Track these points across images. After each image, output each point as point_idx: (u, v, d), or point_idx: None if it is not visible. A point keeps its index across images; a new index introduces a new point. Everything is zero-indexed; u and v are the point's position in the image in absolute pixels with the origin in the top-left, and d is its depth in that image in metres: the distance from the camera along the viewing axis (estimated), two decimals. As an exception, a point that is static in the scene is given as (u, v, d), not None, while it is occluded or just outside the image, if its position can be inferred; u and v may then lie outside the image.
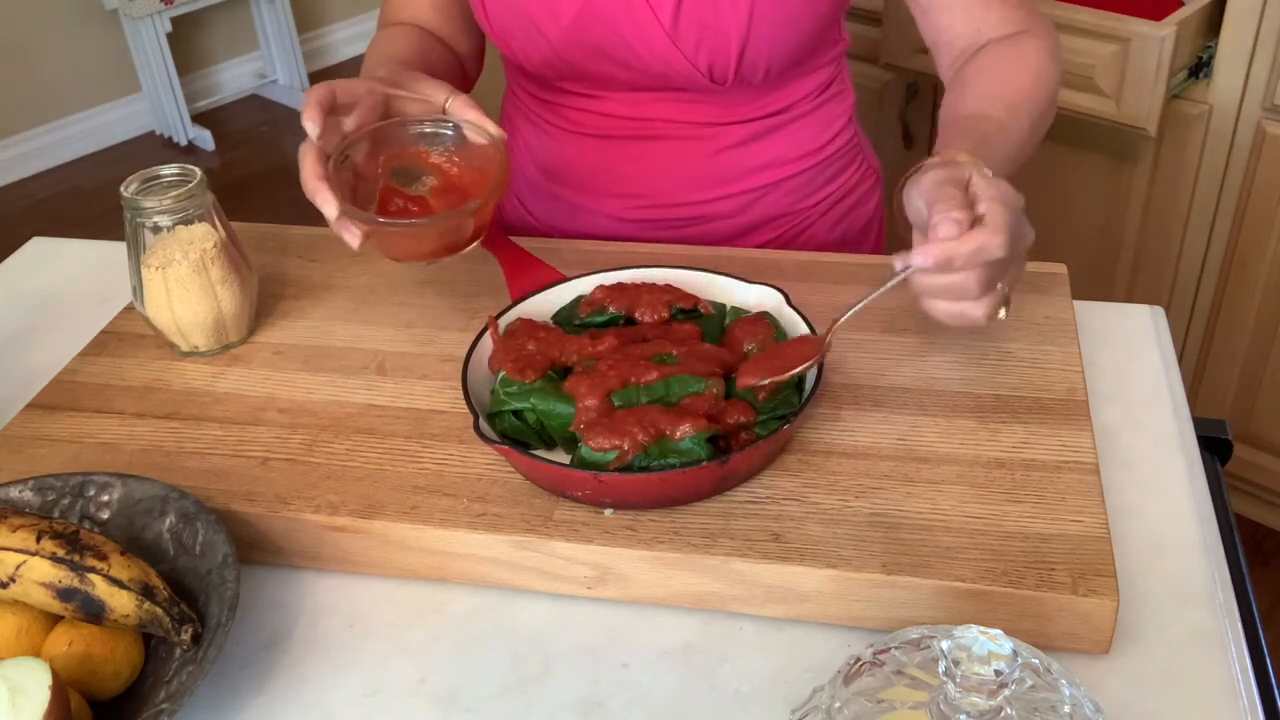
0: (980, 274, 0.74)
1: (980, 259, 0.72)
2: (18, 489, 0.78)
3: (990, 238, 0.72)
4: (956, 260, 0.72)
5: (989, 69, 0.96)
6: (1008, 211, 0.73)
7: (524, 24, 1.00)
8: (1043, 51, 0.97)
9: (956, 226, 0.72)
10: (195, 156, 3.54)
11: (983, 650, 0.52)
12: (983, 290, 0.75)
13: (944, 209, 0.73)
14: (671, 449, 0.75)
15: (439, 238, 0.88)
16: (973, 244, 0.72)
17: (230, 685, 0.73)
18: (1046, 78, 0.96)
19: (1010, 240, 0.72)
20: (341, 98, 0.87)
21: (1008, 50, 0.97)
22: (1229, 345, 1.85)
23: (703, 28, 0.96)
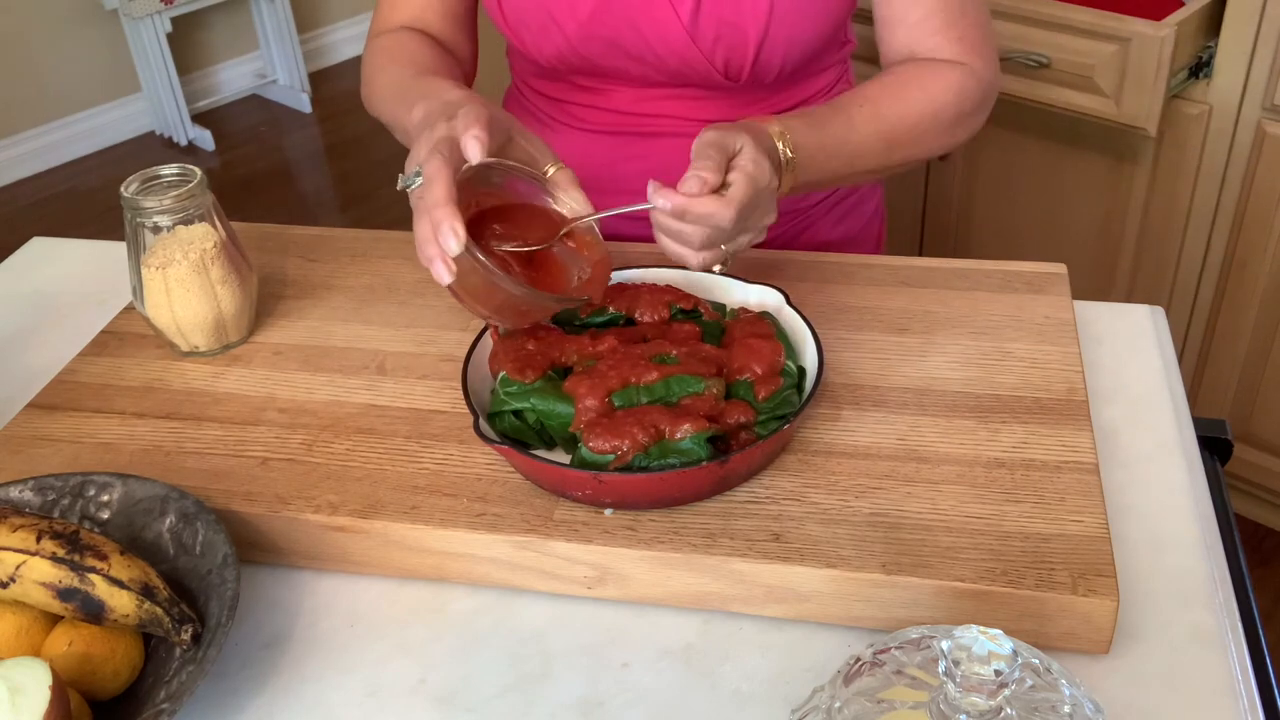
0: (704, 233, 0.80)
1: (708, 222, 0.79)
2: (18, 489, 0.78)
3: (721, 209, 0.79)
4: (688, 215, 0.79)
5: (890, 74, 0.99)
6: (750, 189, 0.80)
7: (540, 16, 1.00)
8: (955, 81, 0.97)
9: (699, 185, 0.78)
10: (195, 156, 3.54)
11: (983, 650, 0.52)
12: (702, 245, 0.81)
13: (698, 166, 0.79)
14: (671, 449, 0.75)
15: (531, 310, 0.82)
16: (705, 208, 0.79)
17: (230, 685, 0.73)
18: (942, 103, 0.97)
19: (740, 215, 0.79)
20: (494, 125, 0.82)
21: (920, 67, 0.99)
22: (1229, 345, 1.85)
23: (721, 24, 0.97)
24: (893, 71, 0.99)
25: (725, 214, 0.79)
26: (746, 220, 0.82)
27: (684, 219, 0.80)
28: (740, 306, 0.89)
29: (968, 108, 0.98)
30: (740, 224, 0.81)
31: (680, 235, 0.81)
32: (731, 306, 0.89)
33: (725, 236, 0.81)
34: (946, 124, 0.98)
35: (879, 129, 0.95)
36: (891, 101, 0.96)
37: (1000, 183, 1.95)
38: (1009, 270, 0.98)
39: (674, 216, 0.80)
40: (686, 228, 0.80)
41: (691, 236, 0.81)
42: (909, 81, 0.98)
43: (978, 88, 0.99)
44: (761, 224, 0.85)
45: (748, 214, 0.81)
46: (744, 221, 0.81)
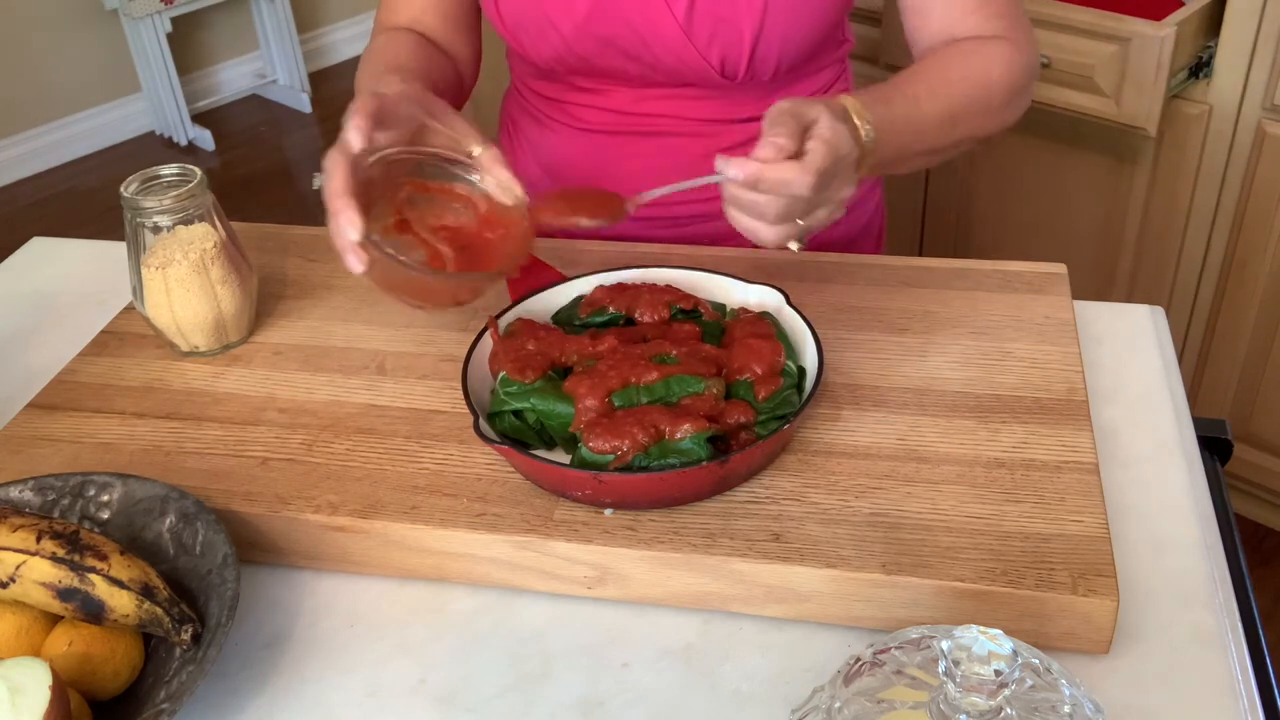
0: (780, 203, 0.76)
1: (784, 190, 0.75)
2: (18, 489, 0.78)
3: (800, 175, 0.75)
4: (762, 183, 0.75)
5: (937, 54, 0.97)
6: (829, 156, 0.76)
7: (537, 17, 1.00)
8: (1002, 57, 0.96)
9: (775, 151, 0.75)
10: (195, 156, 3.54)
11: (983, 650, 0.52)
12: (778, 219, 0.77)
13: (773, 133, 0.76)
14: (671, 449, 0.75)
15: (443, 291, 0.85)
16: (781, 174, 0.75)
17: (230, 685, 0.73)
18: (993, 80, 0.95)
19: (818, 182, 0.75)
20: (384, 113, 0.84)
21: (967, 46, 0.97)
22: (1229, 345, 1.85)
23: (716, 22, 0.97)
24: (937, 52, 0.97)
25: (804, 180, 0.75)
26: (824, 191, 0.78)
27: (758, 188, 0.76)
28: (740, 306, 0.89)
29: (1019, 83, 0.96)
30: (818, 194, 0.77)
31: (754, 207, 0.77)
32: (731, 306, 0.89)
33: (802, 208, 0.77)
34: (1000, 101, 0.96)
35: (939, 106, 0.92)
36: (944, 77, 0.94)
37: (1000, 183, 1.95)
38: (1009, 270, 0.98)
39: (747, 186, 0.76)
40: (761, 198, 0.76)
41: (766, 208, 0.77)
42: (957, 58, 0.96)
43: (1024, 63, 0.97)
44: (839, 196, 0.80)
45: (826, 183, 0.77)
46: (822, 192, 0.77)
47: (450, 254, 0.86)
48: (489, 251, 0.87)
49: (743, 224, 0.79)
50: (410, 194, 0.87)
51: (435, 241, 0.86)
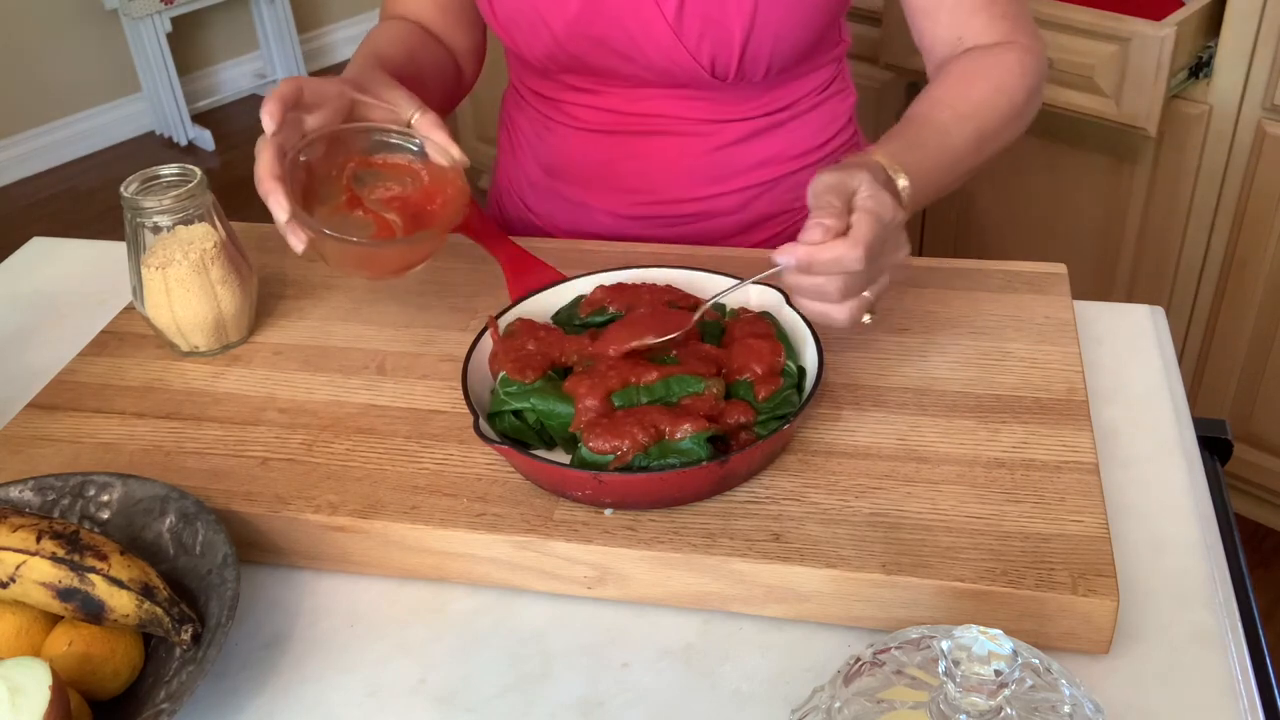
0: (840, 281, 0.76)
1: (838, 268, 0.75)
2: (18, 489, 0.78)
3: (849, 251, 0.75)
4: (816, 265, 0.76)
5: (953, 74, 0.97)
6: (875, 226, 0.76)
7: (529, 15, 1.00)
8: (1015, 63, 0.96)
9: (823, 232, 0.75)
10: (195, 156, 3.54)
11: (983, 650, 0.52)
12: (842, 295, 0.77)
13: (818, 216, 0.76)
14: (671, 449, 0.75)
15: (386, 259, 0.88)
16: (832, 253, 0.75)
17: (230, 685, 0.73)
18: (1012, 88, 0.95)
19: (869, 254, 0.75)
20: (309, 96, 0.86)
21: (979, 58, 0.97)
22: (1229, 345, 1.85)
23: (706, 22, 0.97)
24: (949, 72, 0.97)
25: (854, 255, 0.75)
26: (878, 259, 0.78)
27: (813, 270, 0.76)
28: (740, 306, 0.89)
29: (1033, 83, 0.97)
30: (873, 264, 0.76)
31: (817, 290, 0.78)
32: (731, 306, 0.89)
33: (862, 280, 0.78)
34: (1020, 107, 0.96)
35: (969, 129, 0.93)
36: (966, 99, 0.94)
37: (1000, 183, 1.95)
38: (1009, 270, 0.98)
39: (802, 271, 0.77)
40: (819, 280, 0.77)
41: (827, 288, 0.77)
42: (972, 74, 0.96)
43: (1035, 63, 0.97)
44: (895, 260, 0.80)
45: (877, 252, 0.77)
46: (876, 261, 0.77)
47: (400, 223, 0.88)
48: (439, 216, 0.89)
49: (812, 310, 0.80)
50: (355, 171, 0.89)
51: (385, 213, 0.89)
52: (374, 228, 0.88)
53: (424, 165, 0.90)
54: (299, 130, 0.86)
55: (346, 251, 0.86)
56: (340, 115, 0.89)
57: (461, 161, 0.89)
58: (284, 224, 0.83)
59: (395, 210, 0.89)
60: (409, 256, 0.88)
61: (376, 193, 0.90)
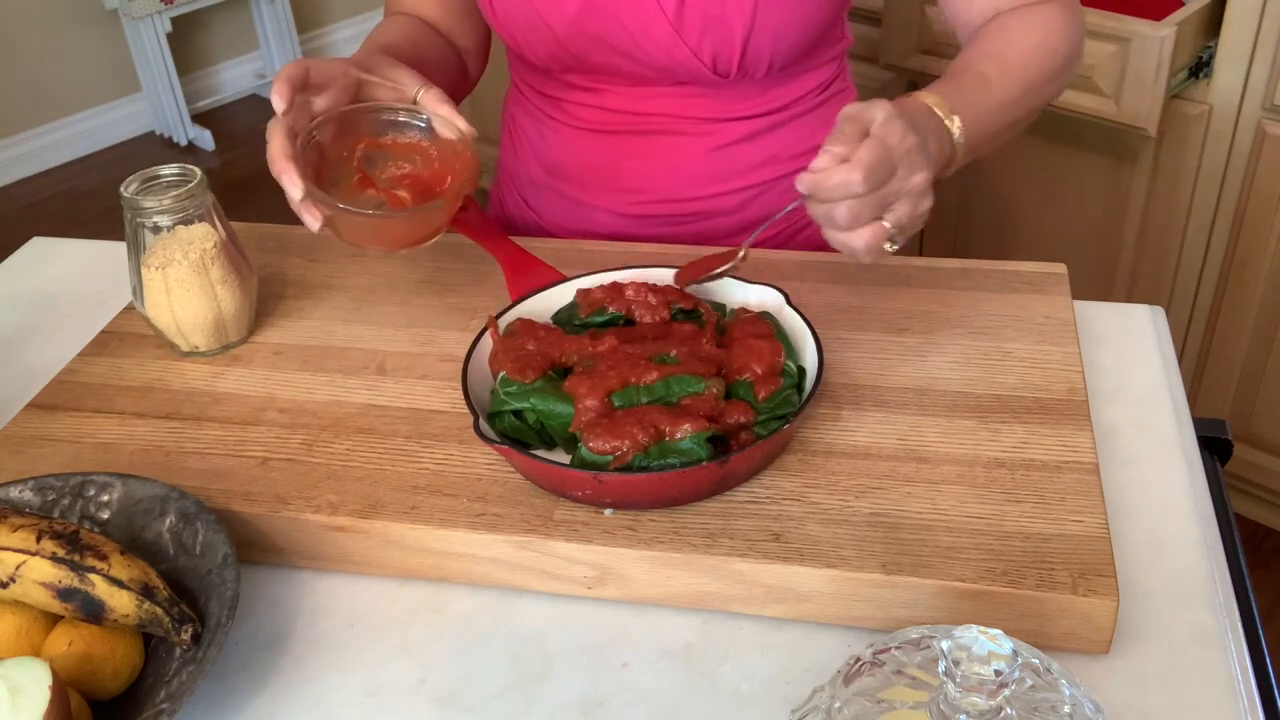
0: (846, 207, 0.76)
1: (843, 192, 0.76)
2: (18, 489, 0.78)
3: (849, 174, 0.75)
4: (820, 191, 0.76)
5: (993, 30, 0.96)
6: (878, 150, 0.76)
7: (529, 15, 1.00)
8: (1056, 19, 0.96)
9: (830, 159, 0.76)
10: (195, 156, 3.54)
11: (983, 650, 0.52)
12: (849, 221, 0.77)
13: (830, 143, 0.77)
14: (671, 449, 0.75)
15: (399, 231, 0.89)
16: (834, 178, 0.75)
17: (230, 685, 0.73)
18: (1054, 43, 0.95)
19: (868, 177, 0.75)
20: (315, 77, 0.88)
21: (1019, 15, 0.97)
22: (1229, 345, 1.85)
23: (707, 19, 0.97)
24: (990, 28, 0.97)
25: (853, 178, 0.74)
26: (888, 184, 0.77)
27: (819, 196, 0.77)
28: (740, 306, 0.89)
29: (1076, 41, 0.97)
30: (879, 188, 0.76)
31: (829, 219, 0.78)
32: (731, 306, 0.89)
33: (871, 206, 0.77)
34: (1064, 62, 0.96)
35: (1015, 82, 0.92)
36: (1013, 51, 0.94)
37: (1000, 183, 1.95)
38: (1009, 270, 0.98)
39: (815, 199, 0.77)
40: (828, 206, 0.77)
41: (835, 214, 0.77)
42: (1019, 30, 0.95)
43: (1076, 23, 0.97)
44: (909, 186, 0.78)
45: (882, 178, 0.76)
46: (884, 185, 0.77)
47: (411, 200, 0.91)
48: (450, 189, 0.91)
49: (832, 239, 0.80)
50: (366, 152, 0.91)
51: (396, 190, 0.91)
52: (387, 205, 0.90)
53: (432, 142, 0.92)
54: (308, 112, 0.88)
55: (361, 225, 0.88)
56: (347, 95, 0.90)
57: (469, 133, 0.90)
58: (299, 203, 0.85)
59: (406, 188, 0.91)
60: (423, 227, 0.90)
61: (387, 172, 0.92)
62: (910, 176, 0.78)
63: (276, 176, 0.84)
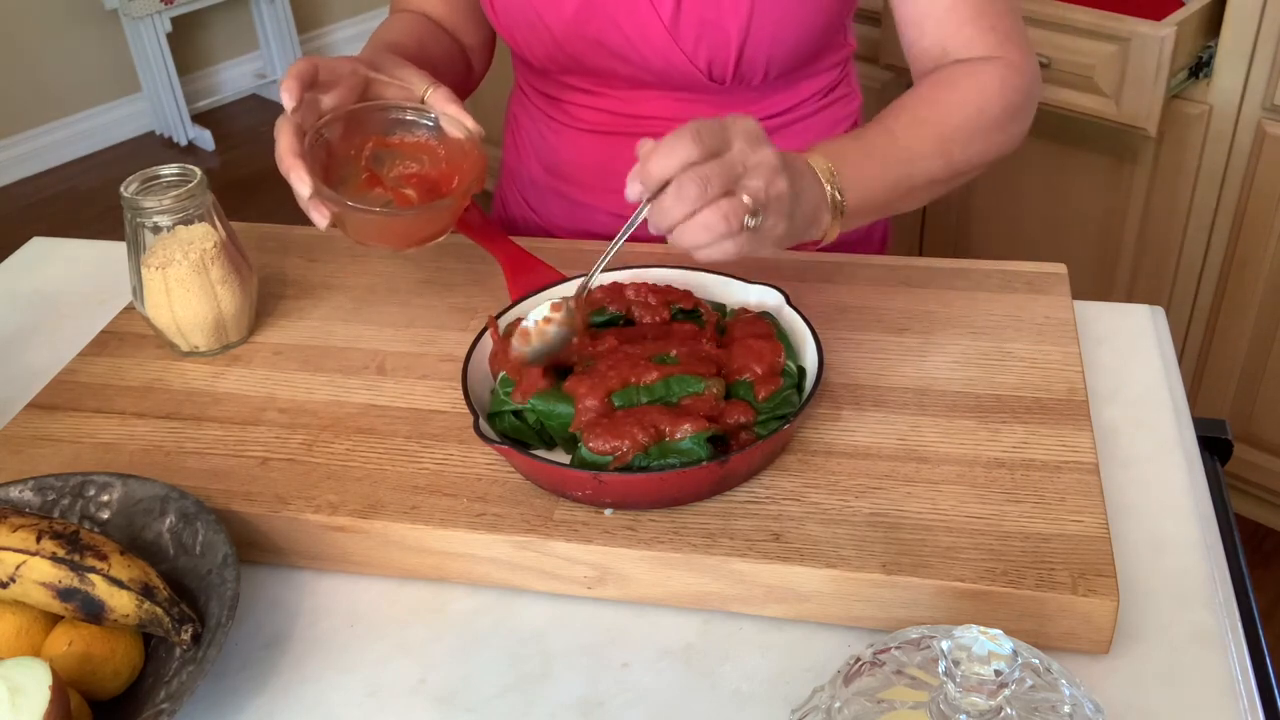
0: (690, 177, 0.71)
1: (675, 160, 0.71)
2: (18, 489, 0.78)
3: (674, 140, 0.71)
4: (652, 167, 0.72)
5: (924, 84, 0.94)
6: (701, 121, 0.72)
7: (528, 15, 1.01)
8: (994, 76, 0.93)
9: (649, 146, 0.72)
10: (195, 156, 3.54)
11: (983, 650, 0.52)
12: (699, 193, 0.71)
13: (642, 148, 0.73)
14: (671, 449, 0.75)
15: (407, 230, 0.89)
16: (661, 149, 0.71)
17: (230, 685, 0.73)
18: (984, 99, 0.92)
19: (695, 136, 0.71)
20: (323, 75, 0.88)
21: (955, 69, 0.94)
22: (1229, 345, 1.85)
23: (703, 25, 0.96)
24: (923, 82, 0.95)
25: (679, 141, 0.70)
26: (727, 152, 0.72)
27: (653, 174, 0.72)
28: (740, 306, 0.89)
29: (1014, 100, 0.93)
30: (715, 153, 0.72)
31: (679, 200, 0.71)
32: (731, 306, 0.89)
33: (718, 175, 0.71)
34: (994, 120, 0.92)
35: (925, 131, 0.90)
36: (928, 105, 0.91)
37: (1000, 182, 1.95)
38: (1009, 270, 0.98)
39: (649, 188, 0.72)
40: (674, 190, 0.71)
41: (684, 191, 0.71)
42: (942, 84, 0.93)
43: (1020, 80, 0.94)
44: (757, 159, 0.73)
45: (711, 140, 0.72)
46: (721, 152, 0.72)
47: (417, 198, 0.91)
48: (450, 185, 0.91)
49: (689, 236, 0.73)
50: (374, 151, 0.91)
51: (404, 189, 0.91)
52: (394, 204, 0.90)
53: (440, 141, 0.92)
54: (316, 110, 0.88)
55: (369, 223, 0.88)
56: (355, 94, 0.90)
57: (477, 132, 0.91)
58: (306, 200, 0.84)
59: (414, 187, 0.91)
60: (430, 226, 0.90)
61: (395, 170, 0.92)
62: (755, 149, 0.74)
63: (285, 173, 0.84)
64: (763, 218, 0.74)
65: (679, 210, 0.72)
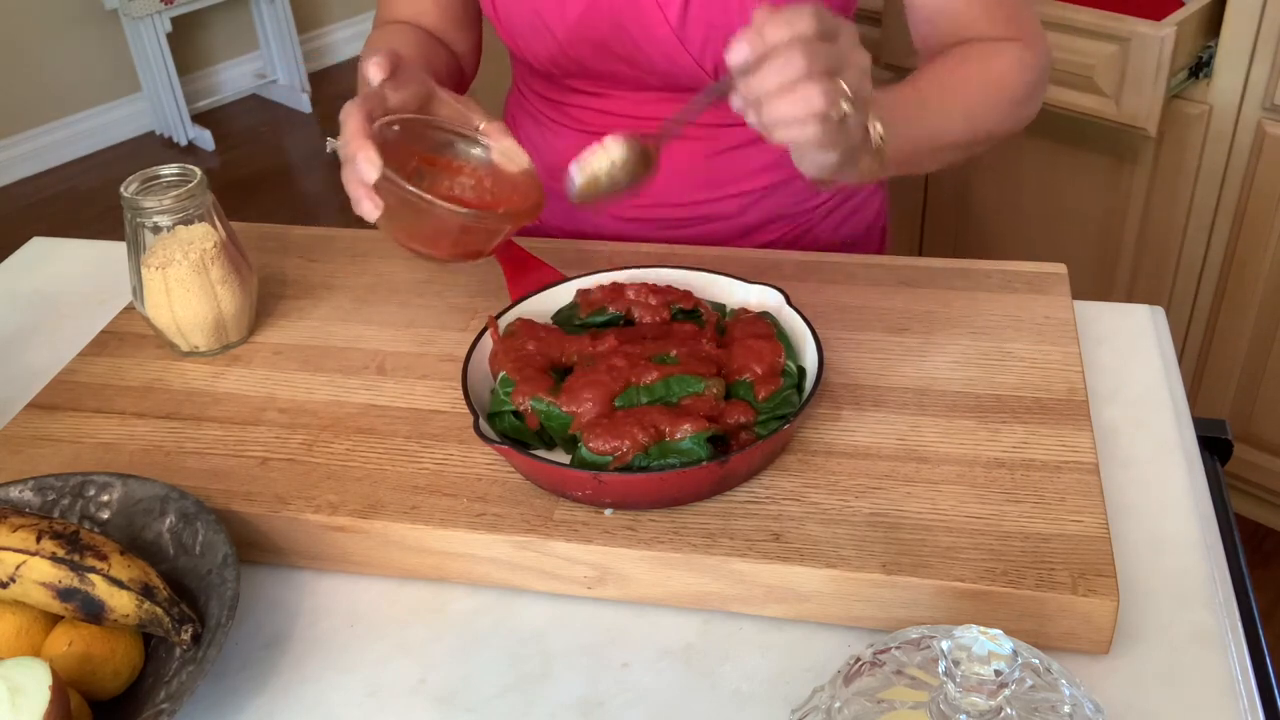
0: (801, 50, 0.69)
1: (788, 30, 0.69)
2: (18, 489, 0.78)
3: (795, 11, 0.69)
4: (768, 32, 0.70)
5: (946, 56, 0.95)
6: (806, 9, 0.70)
7: (532, 19, 1.00)
8: (1012, 56, 0.94)
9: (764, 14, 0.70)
10: (195, 156, 3.54)
11: (983, 650, 0.52)
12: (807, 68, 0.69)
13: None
14: (671, 449, 0.75)
15: (461, 235, 0.86)
16: (780, 17, 0.70)
17: (230, 685, 0.73)
18: (1002, 71, 0.93)
19: (817, 14, 0.70)
20: (402, 70, 0.86)
21: (975, 46, 0.95)
22: (1229, 345, 1.85)
23: (710, 27, 0.96)
24: (948, 53, 0.95)
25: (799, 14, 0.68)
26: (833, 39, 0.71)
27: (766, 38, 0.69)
28: (740, 306, 0.89)
29: (1032, 79, 0.95)
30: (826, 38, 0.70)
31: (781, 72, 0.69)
32: (731, 306, 0.89)
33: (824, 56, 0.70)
34: (1013, 98, 0.94)
35: (950, 95, 0.90)
36: (956, 74, 0.92)
37: (1000, 182, 1.95)
38: (1009, 270, 0.98)
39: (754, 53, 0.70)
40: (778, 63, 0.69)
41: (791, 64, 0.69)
42: (966, 58, 0.94)
43: (1036, 63, 0.96)
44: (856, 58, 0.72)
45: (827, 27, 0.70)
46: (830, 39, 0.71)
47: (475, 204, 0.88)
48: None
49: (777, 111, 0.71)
50: (418, 167, 0.89)
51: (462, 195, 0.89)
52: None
53: (487, 172, 0.90)
54: (383, 103, 0.85)
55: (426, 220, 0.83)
56: (417, 101, 0.88)
57: (531, 168, 0.89)
58: (370, 183, 0.79)
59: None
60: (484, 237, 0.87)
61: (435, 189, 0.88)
62: (857, 49, 0.73)
63: (351, 155, 0.79)
64: (854, 114, 0.72)
65: (777, 79, 0.70)
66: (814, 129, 0.71)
